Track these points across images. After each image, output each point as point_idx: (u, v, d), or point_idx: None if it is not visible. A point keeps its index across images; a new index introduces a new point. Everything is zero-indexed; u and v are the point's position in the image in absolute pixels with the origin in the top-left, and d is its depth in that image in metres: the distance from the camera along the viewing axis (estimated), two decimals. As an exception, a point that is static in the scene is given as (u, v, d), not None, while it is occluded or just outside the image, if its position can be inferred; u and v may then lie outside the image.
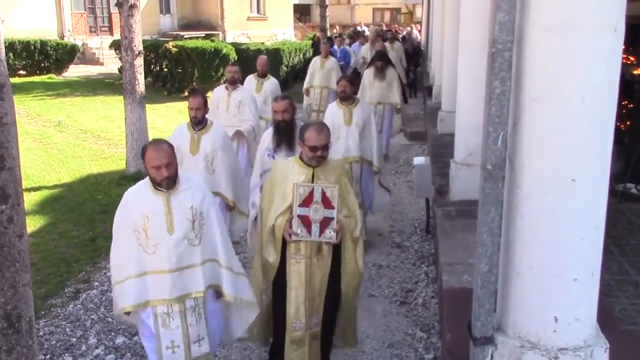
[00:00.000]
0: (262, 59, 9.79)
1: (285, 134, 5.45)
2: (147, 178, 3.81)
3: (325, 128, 4.11)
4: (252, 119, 8.23)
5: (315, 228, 3.98)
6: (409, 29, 29.93)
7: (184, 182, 3.82)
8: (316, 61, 12.58)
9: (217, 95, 8.46)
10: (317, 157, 4.05)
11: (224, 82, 8.70)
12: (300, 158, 4.19)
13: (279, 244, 4.08)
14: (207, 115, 6.12)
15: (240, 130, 7.96)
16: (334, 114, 6.85)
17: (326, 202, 3.96)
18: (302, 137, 4.10)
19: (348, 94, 6.77)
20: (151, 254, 3.72)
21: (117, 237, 3.90)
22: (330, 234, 3.98)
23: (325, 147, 4.08)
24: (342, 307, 4.29)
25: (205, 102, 6.00)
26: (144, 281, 3.75)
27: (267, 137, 5.65)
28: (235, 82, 8.29)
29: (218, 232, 3.90)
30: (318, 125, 4.11)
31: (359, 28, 29.92)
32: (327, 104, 11.70)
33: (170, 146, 3.82)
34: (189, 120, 6.05)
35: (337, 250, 4.08)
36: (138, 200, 3.82)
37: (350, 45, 18.77)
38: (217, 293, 3.97)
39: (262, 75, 9.46)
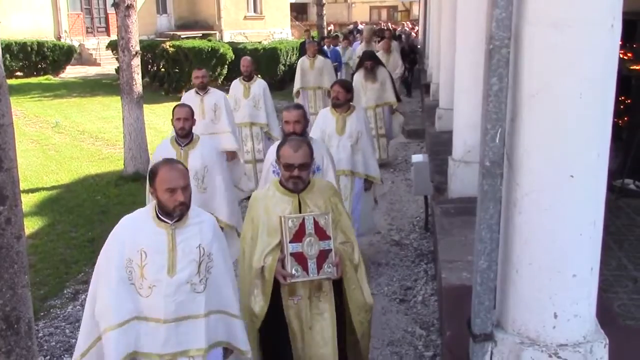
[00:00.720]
0: (246, 60, 9.02)
1: None
2: (149, 206, 3.23)
3: (305, 145, 3.59)
4: (229, 128, 7.63)
5: (312, 265, 3.51)
6: (407, 28, 29.86)
7: (193, 216, 3.21)
8: (304, 61, 11.91)
9: (188, 102, 7.33)
10: (293, 177, 3.54)
11: (225, 82, 8.62)
12: (281, 183, 3.69)
13: (269, 288, 3.55)
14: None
15: (233, 152, 7.56)
16: (325, 121, 6.25)
17: (320, 233, 3.52)
18: (278, 152, 3.64)
19: (341, 101, 6.16)
20: (145, 297, 3.09)
21: (105, 274, 3.14)
22: (329, 269, 3.53)
23: (304, 167, 3.55)
24: (360, 344, 3.82)
25: (193, 113, 5.51)
26: (134, 328, 3.09)
27: (272, 152, 4.85)
28: (205, 87, 7.67)
29: (229, 278, 3.32)
30: (296, 142, 3.60)
31: (360, 26, 29.74)
32: (323, 105, 11.56)
33: (185, 168, 3.31)
34: (172, 135, 5.51)
35: (338, 282, 3.63)
36: (136, 231, 3.16)
37: (351, 44, 18.43)
38: (225, 351, 3.39)
39: (248, 78, 8.78)
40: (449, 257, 4.96)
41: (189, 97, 7.67)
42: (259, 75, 9.67)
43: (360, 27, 29.06)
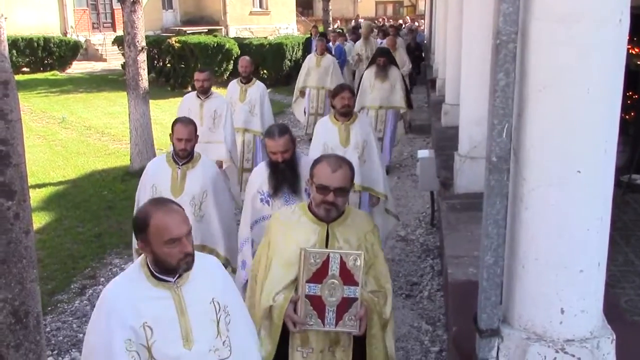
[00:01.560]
0: (245, 60, 8.31)
1: (287, 175, 4.17)
2: (137, 265, 2.52)
3: (347, 166, 3.02)
4: (229, 139, 7.07)
5: (330, 314, 2.92)
6: (415, 24, 29.62)
7: (196, 266, 2.53)
8: (311, 59, 11.59)
9: (188, 105, 7.17)
10: (327, 203, 2.97)
11: (230, 78, 8.19)
12: (310, 207, 3.11)
13: (277, 332, 2.99)
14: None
15: (222, 162, 6.98)
16: (327, 131, 5.58)
17: (347, 276, 2.89)
18: (311, 171, 3.07)
19: (351, 109, 5.60)
20: None
21: None
22: (351, 323, 2.94)
23: (342, 192, 2.97)
24: None
25: (196, 130, 4.81)
26: None
27: (258, 176, 4.34)
28: (206, 91, 7.09)
29: (250, 333, 2.76)
30: (336, 160, 3.03)
31: (361, 21, 29.46)
32: (326, 106, 10.96)
33: (180, 207, 2.88)
34: (169, 151, 4.82)
35: (360, 338, 3.04)
36: (130, 301, 2.41)
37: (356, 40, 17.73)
38: None
39: (246, 80, 8.14)
40: (455, 253, 4.96)
41: (189, 99, 7.20)
42: (265, 72, 9.35)
43: (361, 21, 28.79)
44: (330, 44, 15.50)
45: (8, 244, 2.44)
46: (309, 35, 18.48)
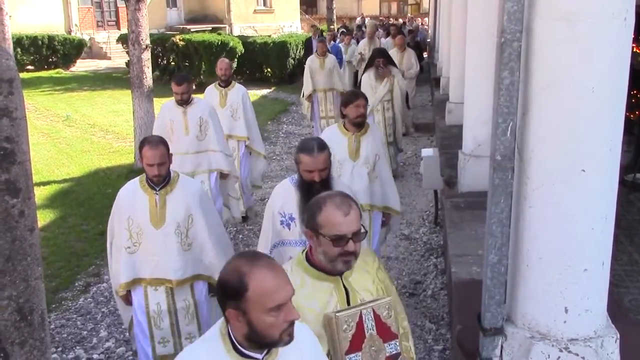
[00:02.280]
0: (224, 62, 7.73)
1: None
2: (221, 326, 2.08)
3: (353, 202, 2.51)
4: (222, 147, 6.60)
5: None
6: (413, 23, 29.42)
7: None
8: (314, 61, 11.07)
9: (168, 115, 6.56)
10: (347, 254, 2.42)
11: (234, 76, 7.83)
12: (312, 261, 2.54)
13: None
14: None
15: (228, 174, 6.71)
16: (334, 143, 4.79)
17: (384, 331, 2.47)
18: (313, 221, 2.46)
19: (365, 119, 5.06)
20: None
21: None
22: None
23: (358, 235, 2.44)
24: None
25: (168, 150, 4.06)
26: None
27: (280, 196, 3.83)
28: (187, 102, 6.45)
29: None
30: (341, 199, 2.46)
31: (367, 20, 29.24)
32: (335, 107, 10.71)
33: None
34: (142, 177, 4.13)
35: None
36: None
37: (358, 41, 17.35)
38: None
39: (226, 84, 7.58)
40: (459, 251, 4.96)
41: (169, 109, 6.58)
42: (269, 71, 9.19)
43: (366, 21, 28.45)
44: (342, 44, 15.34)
45: (13, 241, 2.44)
46: (309, 36, 18.40)
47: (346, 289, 2.52)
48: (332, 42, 15.59)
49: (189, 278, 4.17)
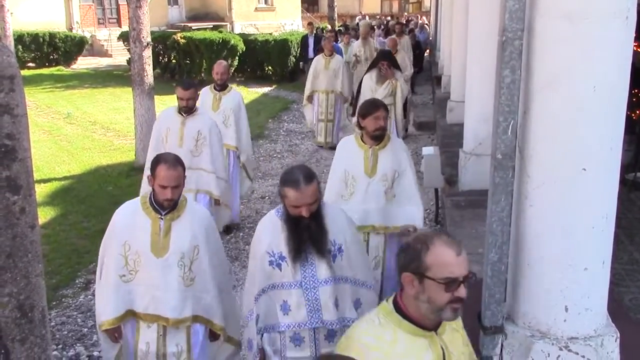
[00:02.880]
0: (220, 65, 7.25)
1: (313, 232, 3.21)
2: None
3: (458, 242, 2.20)
4: (216, 169, 6.12)
5: None
6: (411, 23, 29.00)
7: None
8: (319, 60, 10.77)
9: (166, 123, 6.13)
10: (459, 301, 2.10)
11: (235, 74, 7.24)
12: (404, 313, 2.16)
13: None
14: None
15: (226, 204, 6.38)
16: (350, 156, 4.53)
17: None
18: (418, 263, 2.09)
19: (385, 132, 4.55)
20: None
21: None
22: None
23: (468, 280, 2.16)
24: None
25: (184, 171, 3.60)
26: None
27: (267, 232, 3.37)
28: (191, 109, 6.01)
29: None
30: (448, 239, 2.17)
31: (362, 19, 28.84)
32: (336, 111, 10.53)
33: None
34: (144, 198, 3.65)
35: None
36: None
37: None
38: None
39: (221, 87, 7.14)
40: (460, 250, 4.95)
41: (169, 115, 6.17)
42: (270, 69, 9.02)
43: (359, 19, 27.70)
44: (340, 44, 14.66)
45: (14, 238, 2.44)
46: (305, 34, 17.99)
47: (442, 348, 2.18)
48: (334, 42, 14.98)
49: (187, 319, 3.62)
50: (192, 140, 6.03)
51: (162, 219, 3.54)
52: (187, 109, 5.98)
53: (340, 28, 21.19)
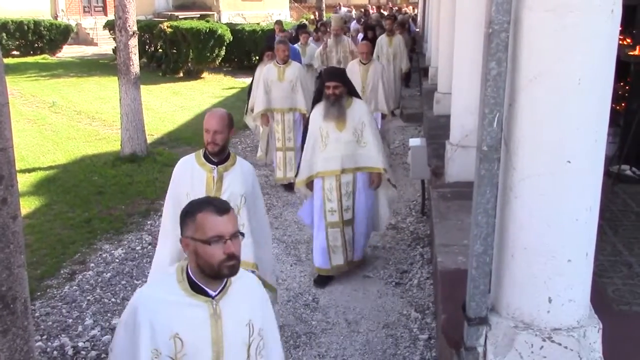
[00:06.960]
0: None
1: None
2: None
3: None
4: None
5: None
6: (404, 13, 28.77)
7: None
8: (270, 71, 8.25)
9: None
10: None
11: (222, 64, 8.26)
12: None
13: None
14: None
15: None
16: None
17: None
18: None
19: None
20: None
21: None
22: None
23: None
24: None
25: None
26: None
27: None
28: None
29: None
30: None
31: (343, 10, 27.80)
32: (297, 135, 8.00)
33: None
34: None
35: None
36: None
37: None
38: None
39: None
40: (445, 241, 4.98)
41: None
42: (257, 59, 8.93)
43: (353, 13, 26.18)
44: (297, 45, 12.00)
45: (-5, 228, 2.43)
46: (271, 28, 15.41)
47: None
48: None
49: None
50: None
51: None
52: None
53: (305, 22, 20.18)
